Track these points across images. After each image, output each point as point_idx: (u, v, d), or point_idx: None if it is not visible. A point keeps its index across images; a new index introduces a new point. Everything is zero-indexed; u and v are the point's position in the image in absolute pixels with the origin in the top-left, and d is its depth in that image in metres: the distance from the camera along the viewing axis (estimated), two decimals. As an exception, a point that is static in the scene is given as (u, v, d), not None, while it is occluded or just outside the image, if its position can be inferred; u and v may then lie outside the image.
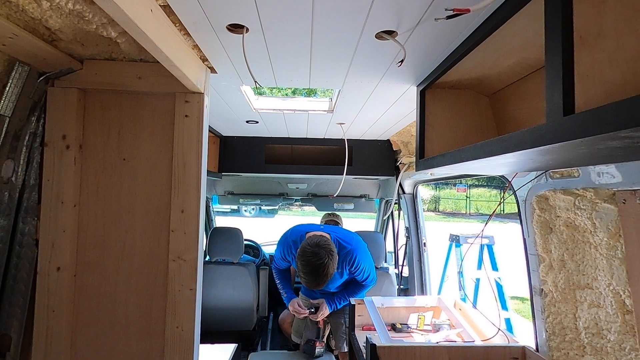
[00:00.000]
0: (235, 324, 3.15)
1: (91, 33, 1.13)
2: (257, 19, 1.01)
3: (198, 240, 1.38)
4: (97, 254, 1.39)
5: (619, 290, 1.18)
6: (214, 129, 2.72)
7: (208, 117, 1.45)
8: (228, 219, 12.03)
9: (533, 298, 1.58)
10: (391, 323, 2.29)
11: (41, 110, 1.35)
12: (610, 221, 1.16)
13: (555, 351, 1.49)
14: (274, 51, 1.23)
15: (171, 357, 1.36)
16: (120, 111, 1.41)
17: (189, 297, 1.37)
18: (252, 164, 3.00)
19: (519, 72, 1.21)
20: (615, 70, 0.62)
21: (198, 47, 1.22)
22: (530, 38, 0.97)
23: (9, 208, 1.31)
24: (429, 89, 1.43)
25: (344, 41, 1.14)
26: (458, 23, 0.98)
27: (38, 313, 1.34)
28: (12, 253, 1.33)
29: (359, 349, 1.97)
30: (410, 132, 2.48)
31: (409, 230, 3.28)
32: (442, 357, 1.57)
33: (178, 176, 1.39)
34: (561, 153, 0.78)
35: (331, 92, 1.90)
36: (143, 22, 0.84)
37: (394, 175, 3.06)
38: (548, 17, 0.70)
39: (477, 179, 11.22)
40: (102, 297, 1.38)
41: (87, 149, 1.40)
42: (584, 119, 0.60)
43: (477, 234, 5.68)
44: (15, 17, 1.01)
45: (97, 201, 1.40)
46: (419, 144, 1.42)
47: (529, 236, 1.53)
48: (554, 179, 1.32)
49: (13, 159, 1.31)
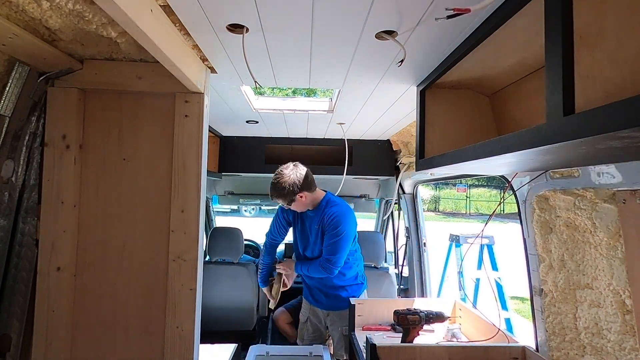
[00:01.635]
0: (235, 324, 3.15)
1: (91, 33, 1.13)
2: (257, 18, 1.01)
3: (198, 240, 1.38)
4: (97, 254, 1.39)
5: (619, 290, 1.18)
6: (214, 129, 2.72)
7: (208, 117, 1.45)
8: (228, 219, 12.03)
9: (533, 298, 1.58)
10: (391, 323, 2.29)
11: (41, 110, 1.35)
12: (610, 221, 1.16)
13: (555, 351, 1.49)
14: (274, 51, 1.23)
15: (171, 357, 1.36)
16: (120, 111, 1.41)
17: (189, 297, 1.37)
18: (252, 164, 3.00)
19: (519, 72, 1.21)
20: (615, 71, 0.62)
21: (198, 47, 1.22)
22: (530, 38, 0.97)
23: (9, 208, 1.31)
24: (429, 89, 1.43)
25: (344, 41, 1.14)
26: (458, 23, 0.98)
27: (38, 313, 1.34)
28: (12, 253, 1.33)
29: (359, 349, 1.97)
30: (410, 132, 2.48)
31: (409, 230, 3.28)
32: (442, 357, 1.57)
33: (178, 176, 1.39)
34: (561, 153, 0.79)
35: (331, 92, 1.90)
36: (143, 22, 0.84)
37: (394, 175, 3.06)
38: (548, 17, 0.70)
39: (477, 179, 11.23)
40: (102, 297, 1.38)
41: (87, 149, 1.40)
42: (584, 119, 0.60)
43: (477, 234, 5.68)
44: (15, 17, 1.01)
45: (97, 201, 1.40)
46: (419, 144, 1.42)
47: (529, 236, 1.53)
48: (554, 179, 1.32)
49: (13, 159, 1.31)
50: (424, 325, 1.94)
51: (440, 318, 1.98)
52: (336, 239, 2.29)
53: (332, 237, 2.29)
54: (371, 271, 3.26)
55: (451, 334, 2.16)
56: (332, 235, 2.29)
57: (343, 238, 2.29)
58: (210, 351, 2.29)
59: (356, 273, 2.55)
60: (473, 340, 2.01)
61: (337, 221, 2.28)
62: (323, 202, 2.38)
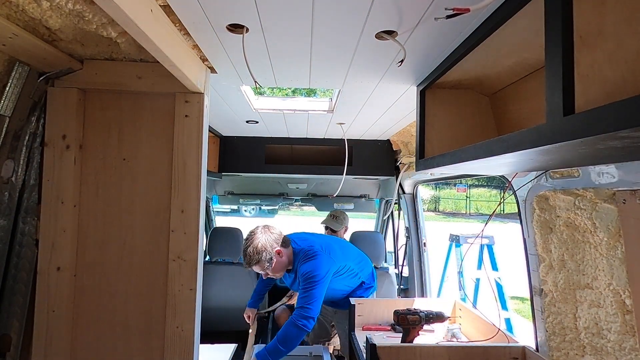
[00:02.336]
0: (235, 324, 3.15)
1: (91, 33, 1.13)
2: (257, 19, 1.01)
3: (198, 240, 1.38)
4: (97, 254, 1.39)
5: (619, 290, 1.18)
6: (214, 129, 2.72)
7: (208, 117, 1.45)
8: (228, 219, 12.03)
9: (533, 298, 1.58)
10: (391, 323, 2.29)
11: (41, 110, 1.35)
12: (610, 221, 1.16)
13: (555, 351, 1.49)
14: (274, 51, 1.23)
15: (171, 357, 1.36)
16: (120, 111, 1.41)
17: (189, 297, 1.37)
18: (252, 164, 3.00)
19: (519, 72, 1.21)
20: (615, 70, 0.62)
21: (198, 47, 1.22)
22: (530, 38, 0.97)
23: (9, 208, 1.31)
24: (429, 89, 1.43)
25: (344, 41, 1.14)
26: (458, 23, 0.98)
27: (38, 313, 1.34)
28: (12, 253, 1.33)
29: (359, 349, 1.97)
30: (410, 132, 2.47)
31: (409, 230, 3.29)
32: (442, 357, 1.57)
33: (178, 176, 1.39)
34: (561, 153, 0.79)
35: (331, 92, 1.90)
36: (143, 22, 0.84)
37: (394, 175, 3.06)
38: (548, 17, 0.70)
39: (477, 179, 11.23)
40: (102, 297, 1.38)
41: (87, 149, 1.40)
42: (584, 119, 0.60)
43: (477, 234, 5.68)
44: (15, 17, 1.01)
45: (97, 201, 1.39)
46: (419, 144, 1.42)
47: (529, 236, 1.53)
48: (554, 179, 1.32)
49: (13, 159, 1.31)
50: (424, 325, 1.94)
51: (440, 318, 1.98)
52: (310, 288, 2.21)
53: (305, 289, 2.24)
54: (371, 271, 3.26)
55: (451, 334, 2.16)
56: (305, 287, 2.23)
57: (319, 287, 2.21)
58: (210, 351, 2.29)
59: (361, 282, 2.55)
60: (473, 340, 2.01)
61: (310, 276, 2.22)
62: (295, 259, 2.33)
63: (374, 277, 2.65)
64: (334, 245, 2.47)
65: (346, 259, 2.45)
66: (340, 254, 2.43)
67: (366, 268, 2.61)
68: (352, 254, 2.58)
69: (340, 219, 3.47)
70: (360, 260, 2.60)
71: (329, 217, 3.52)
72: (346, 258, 2.46)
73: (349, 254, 2.54)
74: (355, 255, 2.59)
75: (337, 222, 3.45)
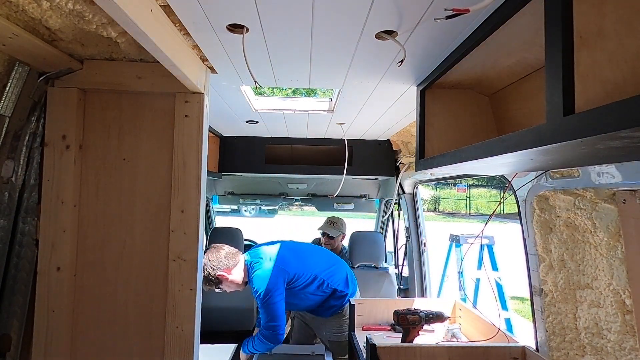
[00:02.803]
0: (235, 324, 3.15)
1: (91, 33, 1.13)
2: (257, 19, 1.01)
3: (198, 240, 1.38)
4: (97, 254, 1.39)
5: (619, 290, 1.18)
6: (214, 129, 2.72)
7: (208, 117, 1.45)
8: (228, 219, 12.03)
9: (533, 298, 1.58)
10: (391, 323, 2.29)
11: (41, 110, 1.35)
12: (610, 221, 1.16)
13: (555, 351, 1.50)
14: (274, 51, 1.23)
15: (171, 357, 1.36)
16: (120, 111, 1.41)
17: (189, 297, 1.37)
18: (252, 164, 3.00)
19: (519, 72, 1.21)
20: (615, 70, 0.62)
21: (198, 47, 1.22)
22: (530, 38, 0.97)
23: (9, 208, 1.31)
24: (429, 89, 1.43)
25: (344, 41, 1.14)
26: (458, 23, 0.98)
27: (38, 313, 1.34)
28: (12, 253, 1.33)
29: (359, 349, 1.97)
30: (410, 132, 2.48)
31: (409, 230, 3.29)
32: (442, 357, 1.57)
33: (178, 176, 1.39)
34: (561, 153, 0.79)
35: (331, 92, 1.90)
36: (143, 22, 0.84)
37: (394, 175, 3.06)
38: (548, 17, 0.70)
39: (477, 179, 11.22)
40: (102, 297, 1.38)
41: (87, 149, 1.40)
42: (584, 119, 0.60)
43: (477, 234, 5.68)
44: (15, 17, 1.01)
45: (97, 201, 1.39)
46: (419, 144, 1.42)
47: (529, 236, 1.53)
48: (554, 179, 1.32)
49: (13, 159, 1.31)
50: (424, 325, 1.94)
51: (440, 318, 1.98)
52: (263, 304, 2.22)
53: (261, 306, 2.24)
54: (371, 271, 3.26)
55: (451, 334, 2.16)
56: (261, 303, 2.24)
57: (270, 299, 2.21)
58: (210, 351, 2.29)
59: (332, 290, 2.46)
60: (473, 340, 2.02)
61: (258, 292, 2.22)
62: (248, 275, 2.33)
63: (349, 282, 2.54)
64: (288, 254, 2.39)
65: (305, 268, 2.38)
66: (296, 262, 2.37)
67: (338, 273, 2.51)
68: (318, 262, 2.49)
69: (338, 225, 3.37)
70: (330, 267, 2.50)
71: (326, 223, 3.40)
72: (305, 266, 2.39)
73: (312, 262, 2.45)
74: (321, 262, 2.50)
75: (334, 228, 3.35)
